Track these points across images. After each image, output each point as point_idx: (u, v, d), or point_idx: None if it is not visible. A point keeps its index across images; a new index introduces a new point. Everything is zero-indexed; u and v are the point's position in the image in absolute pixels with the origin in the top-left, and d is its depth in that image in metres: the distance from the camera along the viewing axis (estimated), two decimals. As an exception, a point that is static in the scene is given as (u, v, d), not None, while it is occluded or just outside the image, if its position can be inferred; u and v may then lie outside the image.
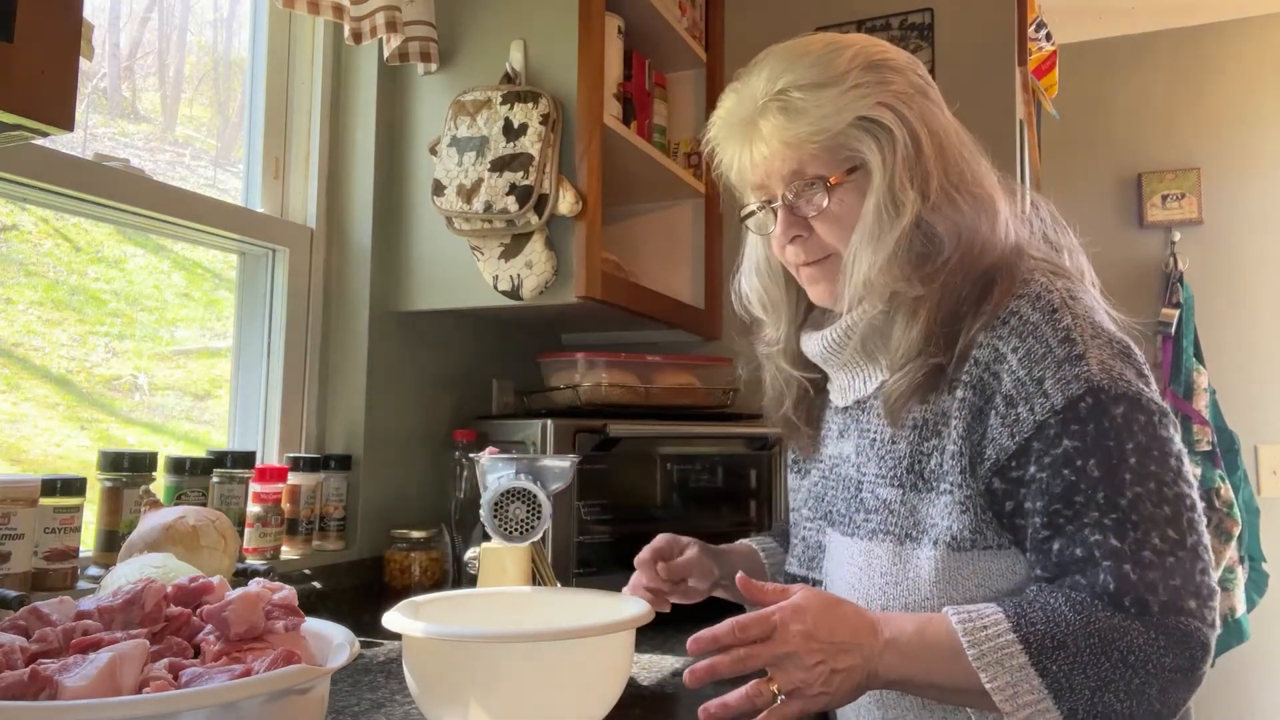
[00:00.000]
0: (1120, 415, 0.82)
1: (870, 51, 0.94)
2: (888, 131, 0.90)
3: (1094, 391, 0.82)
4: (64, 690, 0.61)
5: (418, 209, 1.65)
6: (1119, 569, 0.78)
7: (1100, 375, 0.83)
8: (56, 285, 1.38)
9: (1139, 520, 0.79)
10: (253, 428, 1.57)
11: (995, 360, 0.87)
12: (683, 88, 2.10)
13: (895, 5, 1.97)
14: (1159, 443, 0.82)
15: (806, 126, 0.91)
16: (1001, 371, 0.86)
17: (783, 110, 0.92)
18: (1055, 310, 0.86)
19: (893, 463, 0.94)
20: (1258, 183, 3.01)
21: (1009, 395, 0.85)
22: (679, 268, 2.08)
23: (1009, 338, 0.86)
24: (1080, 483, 0.81)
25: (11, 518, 1.03)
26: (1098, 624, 0.77)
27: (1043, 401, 0.83)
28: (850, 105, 0.90)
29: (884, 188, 0.90)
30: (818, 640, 0.79)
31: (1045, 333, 0.85)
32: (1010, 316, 0.87)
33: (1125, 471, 0.80)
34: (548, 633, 0.87)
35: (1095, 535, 0.80)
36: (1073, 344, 0.84)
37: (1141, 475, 0.80)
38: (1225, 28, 3.07)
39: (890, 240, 0.90)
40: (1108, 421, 0.81)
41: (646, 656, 1.27)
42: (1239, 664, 2.83)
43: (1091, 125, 3.18)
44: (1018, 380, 0.85)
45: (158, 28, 1.59)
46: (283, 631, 0.74)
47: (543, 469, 1.14)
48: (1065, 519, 0.82)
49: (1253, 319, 2.98)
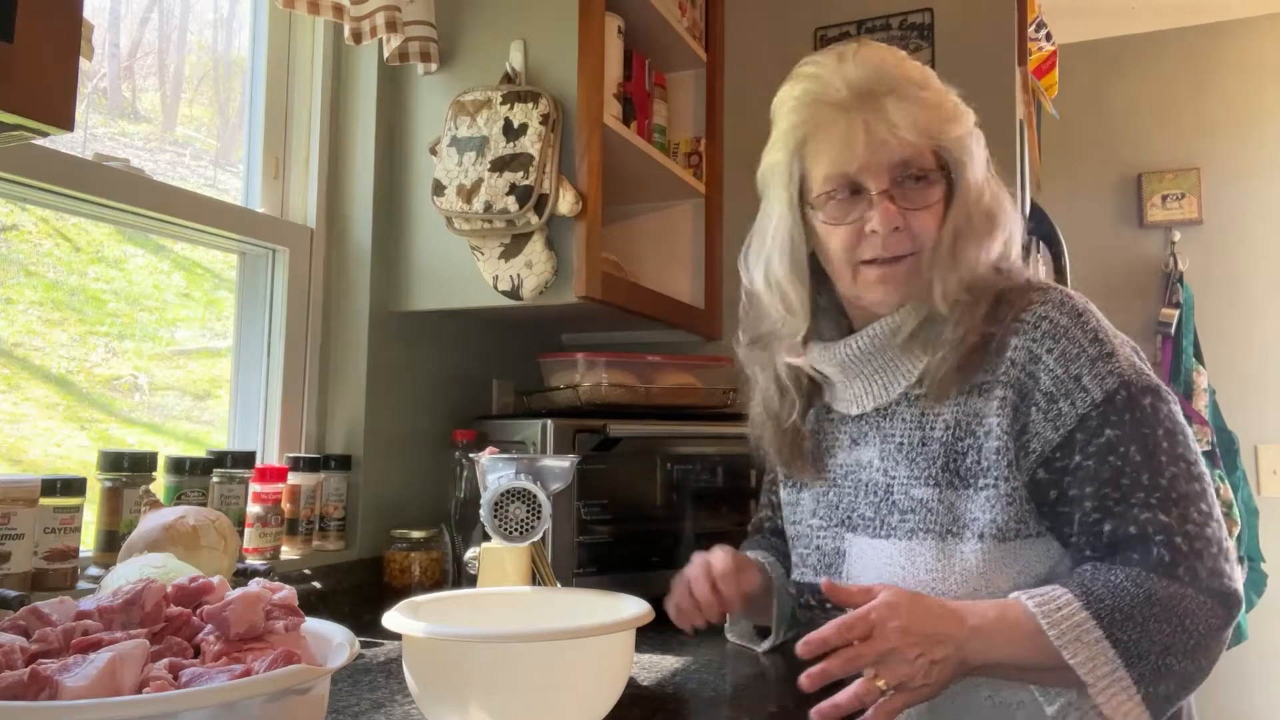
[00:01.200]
0: (1149, 405, 0.92)
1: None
2: (981, 143, 1.02)
3: (1126, 385, 0.92)
4: (64, 690, 0.61)
5: (418, 209, 1.65)
6: (1171, 541, 0.87)
7: (1129, 370, 0.93)
8: (56, 285, 1.38)
9: (1178, 497, 0.88)
10: (253, 428, 1.57)
11: (1031, 361, 0.94)
12: (683, 88, 2.09)
13: (895, 5, 1.97)
14: (1180, 427, 0.93)
15: (941, 121, 0.98)
16: (1038, 371, 0.94)
17: (915, 99, 0.97)
18: (1081, 314, 0.96)
19: (925, 464, 0.99)
20: (1258, 183, 3.01)
21: (1049, 392, 0.93)
22: (679, 268, 2.08)
23: (1043, 340, 0.94)
24: (1125, 467, 0.90)
25: (11, 518, 1.03)
26: (1158, 593, 0.85)
27: (1083, 396, 0.92)
28: (966, 116, 1.00)
29: (979, 195, 0.99)
30: (914, 634, 0.83)
31: (1076, 334, 0.94)
32: (1041, 321, 0.95)
33: (1161, 455, 0.90)
34: (548, 633, 0.87)
35: (1144, 514, 0.88)
36: (1102, 344, 0.94)
37: (1174, 457, 0.90)
38: (1225, 28, 3.07)
39: (999, 241, 1.00)
40: (1139, 411, 0.91)
41: (646, 656, 1.27)
42: (1239, 664, 2.83)
43: (1091, 125, 3.18)
44: (1056, 378, 0.93)
45: (158, 28, 1.59)
46: (283, 631, 0.74)
47: (543, 469, 1.14)
48: (1114, 501, 0.90)
49: (1253, 319, 2.98)
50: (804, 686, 0.84)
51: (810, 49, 1.03)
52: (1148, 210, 3.09)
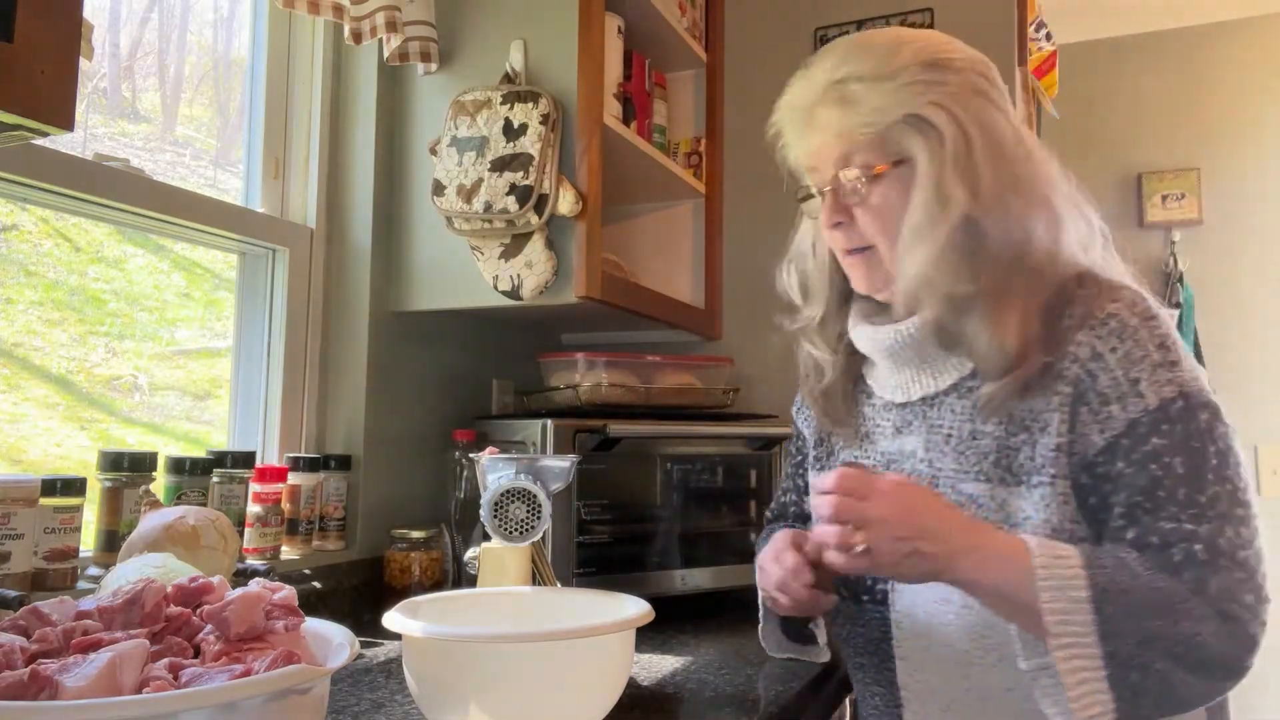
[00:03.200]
0: (1205, 420, 0.87)
1: (933, 49, 0.96)
2: (936, 130, 0.93)
3: (1185, 396, 0.87)
4: (64, 690, 0.61)
5: (418, 209, 1.65)
6: (1191, 549, 0.83)
7: (1190, 382, 0.88)
8: (56, 285, 1.38)
9: (1214, 516, 0.84)
10: (253, 428, 1.57)
11: (1093, 359, 0.90)
12: (683, 88, 2.09)
13: (895, 5, 1.97)
14: (1233, 451, 0.88)
15: (857, 117, 0.94)
16: (1098, 370, 0.89)
17: (839, 101, 0.95)
18: (1153, 318, 0.91)
19: (976, 458, 0.96)
20: (1258, 183, 3.01)
21: (1103, 394, 0.89)
22: (679, 268, 2.08)
23: (1108, 338, 0.90)
24: (1165, 478, 0.85)
25: (11, 518, 1.03)
26: (1162, 585, 0.82)
27: (1136, 401, 0.87)
28: (902, 101, 0.93)
29: (931, 185, 0.92)
30: (912, 519, 0.85)
31: (1144, 337, 0.89)
32: (1110, 319, 0.90)
33: (1208, 472, 0.85)
34: (548, 633, 0.87)
35: (1170, 525, 0.84)
36: (1168, 350, 0.89)
37: (1221, 477, 0.86)
38: (1225, 28, 3.07)
39: (940, 236, 0.92)
40: (1193, 424, 0.86)
41: (646, 656, 1.27)
42: (1239, 664, 2.83)
43: (1091, 125, 3.18)
44: (1114, 380, 0.88)
45: (158, 28, 1.59)
46: (283, 631, 0.74)
47: (543, 469, 1.14)
48: (1144, 510, 0.86)
49: (1253, 319, 2.98)
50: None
51: (810, 49, 1.04)
52: (1148, 210, 3.09)
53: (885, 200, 0.96)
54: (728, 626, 1.47)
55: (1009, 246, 0.92)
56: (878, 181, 0.96)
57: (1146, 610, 0.81)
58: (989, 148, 0.93)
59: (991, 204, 0.92)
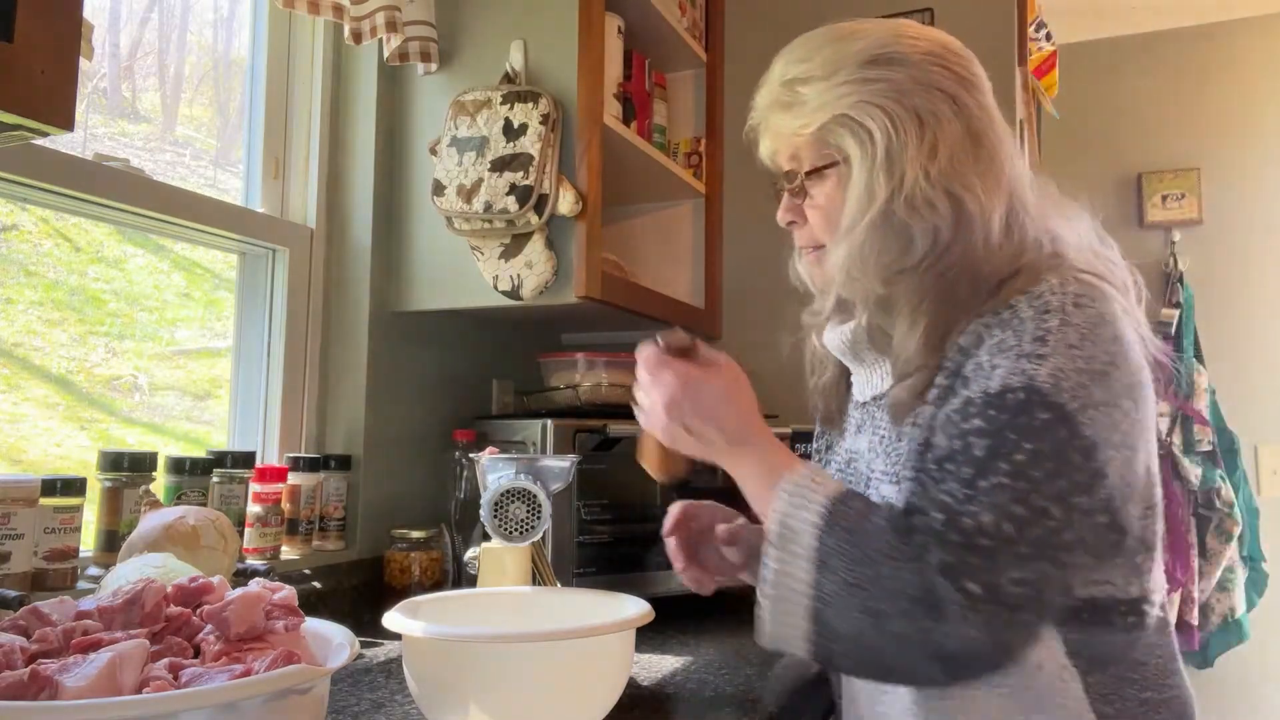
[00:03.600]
0: (1041, 421, 0.78)
1: (881, 43, 0.94)
2: (866, 130, 0.91)
3: (1032, 390, 0.79)
4: (64, 690, 0.61)
5: (418, 209, 1.65)
6: (931, 517, 0.78)
7: (1047, 380, 0.79)
8: (56, 285, 1.38)
9: (983, 502, 0.77)
10: (253, 428, 1.57)
11: (974, 345, 0.85)
12: (683, 88, 2.09)
13: (895, 5, 1.97)
14: (1063, 463, 0.78)
15: (797, 120, 0.95)
16: (972, 354, 0.85)
17: (786, 104, 0.96)
18: (1048, 312, 0.83)
19: (895, 460, 0.93)
20: (1258, 183, 3.01)
21: (966, 378, 0.84)
22: (679, 268, 2.08)
23: (993, 327, 0.84)
24: (960, 454, 0.80)
25: (11, 518, 1.03)
26: (887, 540, 0.78)
27: (981, 383, 0.82)
28: (833, 103, 0.92)
29: (860, 183, 0.91)
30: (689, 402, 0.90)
31: (1026, 330, 0.83)
32: (1005, 310, 0.85)
33: (1005, 464, 0.78)
34: (548, 633, 0.87)
35: (939, 496, 0.79)
36: (1042, 344, 0.81)
37: (1017, 475, 0.77)
38: (1225, 28, 3.06)
39: (858, 233, 0.90)
40: (1022, 419, 0.79)
41: (646, 656, 1.27)
42: (1239, 664, 2.83)
43: (1091, 125, 3.18)
44: (978, 365, 0.84)
45: (158, 28, 1.59)
46: (283, 631, 0.74)
47: (543, 469, 1.14)
48: (929, 477, 0.82)
49: (1253, 319, 2.98)
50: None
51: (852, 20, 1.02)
52: (1148, 210, 3.09)
53: (828, 199, 0.95)
54: (728, 626, 1.47)
55: (935, 248, 0.89)
56: (820, 181, 0.96)
57: (863, 557, 0.78)
58: (925, 145, 0.90)
59: (919, 204, 0.88)
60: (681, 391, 0.90)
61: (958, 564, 0.74)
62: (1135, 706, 0.85)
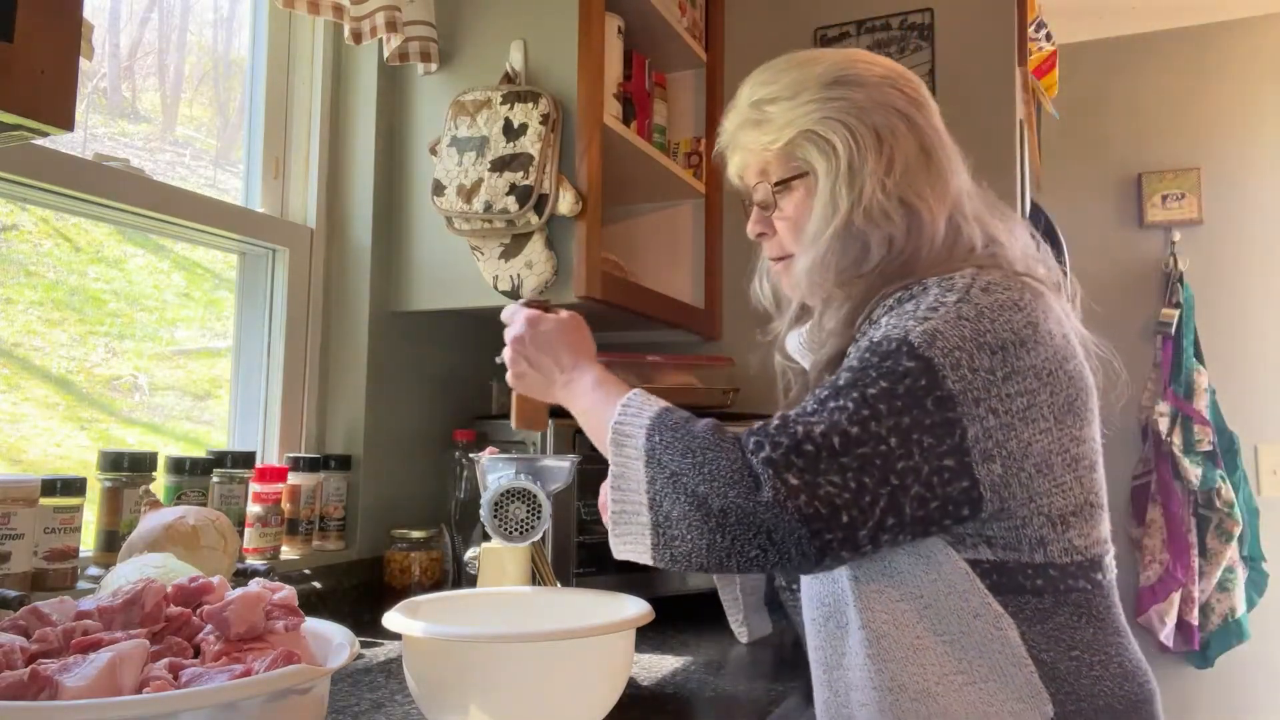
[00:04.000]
0: (904, 367, 0.84)
1: (840, 67, 1.01)
2: (830, 144, 0.98)
3: (906, 343, 0.85)
4: (64, 690, 0.61)
5: (418, 209, 1.65)
6: (771, 421, 0.85)
7: (920, 335, 0.85)
8: (56, 285, 1.38)
9: (825, 419, 0.83)
10: (253, 428, 1.57)
11: (883, 315, 0.92)
12: (683, 88, 2.09)
13: (895, 5, 1.97)
14: (913, 403, 0.83)
15: (766, 135, 1.02)
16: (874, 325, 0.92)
17: (754, 122, 1.03)
18: (951, 290, 0.89)
19: None
20: (1258, 183, 3.01)
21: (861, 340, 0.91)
22: (679, 268, 2.08)
23: (904, 301, 0.91)
24: (827, 386, 0.87)
25: (11, 518, 1.03)
26: (710, 434, 0.86)
27: (869, 337, 0.89)
28: (799, 119, 0.99)
29: (825, 194, 0.98)
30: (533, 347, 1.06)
31: (924, 300, 0.89)
32: (916, 286, 0.92)
33: (855, 392, 0.84)
34: (548, 633, 0.87)
35: (790, 412, 0.86)
36: (933, 311, 0.87)
37: (863, 402, 0.83)
38: (1225, 28, 3.06)
39: (822, 242, 0.97)
40: (889, 364, 0.84)
41: (646, 656, 1.27)
42: (1239, 664, 2.83)
43: (1091, 125, 3.18)
44: (875, 325, 0.91)
45: (158, 28, 1.59)
46: (283, 631, 0.74)
47: (543, 469, 1.14)
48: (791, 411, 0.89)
49: (1253, 319, 2.98)
50: None
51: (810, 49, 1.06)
52: (1148, 210, 3.09)
53: (795, 210, 1.02)
54: (728, 626, 1.47)
55: (889, 254, 0.96)
56: (787, 194, 1.02)
57: (686, 449, 0.85)
58: (883, 160, 0.97)
59: (875, 214, 0.95)
60: (527, 328, 1.06)
61: (780, 460, 0.81)
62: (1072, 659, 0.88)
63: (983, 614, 0.86)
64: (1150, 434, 2.93)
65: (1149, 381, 2.99)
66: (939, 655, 0.87)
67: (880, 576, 0.90)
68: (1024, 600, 0.87)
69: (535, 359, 1.06)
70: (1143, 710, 0.90)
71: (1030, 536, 0.87)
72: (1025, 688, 0.85)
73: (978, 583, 0.87)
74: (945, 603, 0.87)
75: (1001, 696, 0.85)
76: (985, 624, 0.86)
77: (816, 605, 0.97)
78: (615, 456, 0.90)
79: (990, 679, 0.86)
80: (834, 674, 0.96)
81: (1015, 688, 0.85)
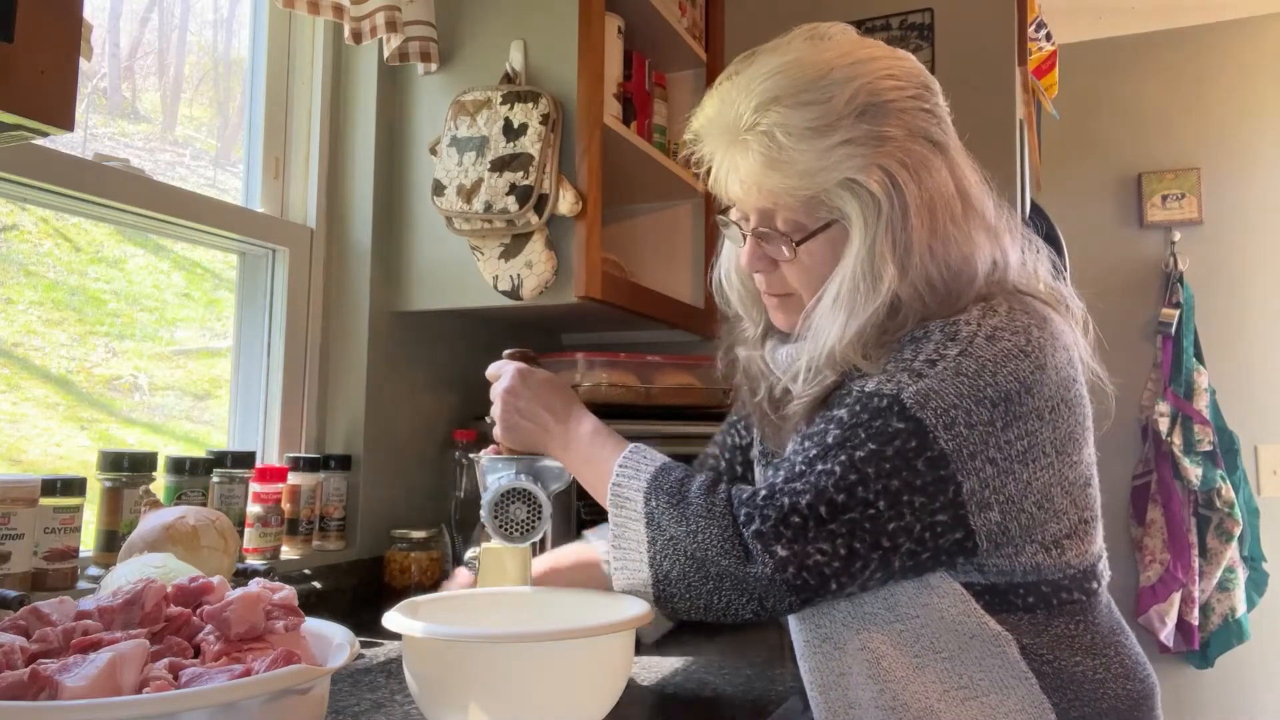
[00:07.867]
0: (894, 429, 0.82)
1: (873, 87, 0.89)
2: (872, 197, 0.87)
3: (898, 401, 0.83)
4: (64, 690, 0.61)
5: (418, 209, 1.65)
6: (759, 491, 0.85)
7: (913, 395, 0.82)
8: (56, 285, 1.38)
9: (811, 485, 0.82)
10: (253, 428, 1.57)
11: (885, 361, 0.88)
12: (683, 88, 2.09)
13: (895, 5, 1.97)
14: (903, 467, 0.81)
15: (786, 180, 0.89)
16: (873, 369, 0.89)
17: (764, 153, 0.89)
18: (954, 339, 0.85)
19: None
20: (1258, 183, 3.01)
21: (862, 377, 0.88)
22: (679, 268, 2.08)
23: (906, 345, 0.87)
24: (816, 435, 0.86)
25: (11, 518, 1.03)
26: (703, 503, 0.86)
27: (864, 381, 0.87)
28: (837, 165, 0.87)
29: (864, 256, 0.88)
30: (524, 401, 1.03)
31: (924, 349, 0.85)
32: (920, 331, 0.88)
33: (844, 454, 0.83)
34: (548, 633, 0.87)
35: (779, 473, 0.86)
36: (931, 365, 0.84)
37: (850, 467, 0.82)
38: (1225, 28, 3.07)
39: (864, 313, 0.88)
40: (879, 423, 0.82)
41: (646, 657, 1.27)
42: (1239, 664, 2.83)
43: (1091, 125, 3.18)
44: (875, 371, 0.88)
45: (158, 28, 1.59)
46: (283, 631, 0.74)
47: (543, 469, 1.14)
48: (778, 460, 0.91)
49: (1253, 319, 2.98)
50: None
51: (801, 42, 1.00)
52: (1148, 210, 3.09)
53: (813, 259, 0.92)
54: (727, 627, 1.47)
55: (917, 313, 0.88)
56: (803, 245, 0.92)
57: (681, 516, 0.86)
58: (925, 214, 0.88)
59: (917, 279, 0.87)
60: (518, 380, 1.04)
61: (769, 533, 0.82)
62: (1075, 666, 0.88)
63: (980, 634, 0.86)
64: (1150, 434, 2.93)
65: (1149, 381, 2.99)
66: (940, 673, 0.87)
67: (875, 601, 0.89)
68: (1019, 617, 0.87)
69: (529, 410, 1.03)
70: (1144, 706, 0.90)
71: (1024, 564, 0.87)
72: (1027, 699, 0.85)
73: (973, 604, 0.86)
74: (942, 624, 0.87)
75: (1004, 709, 0.85)
76: (983, 643, 0.86)
77: (811, 629, 0.95)
78: (615, 515, 0.91)
79: (992, 692, 0.86)
80: (831, 694, 0.94)
81: (1017, 699, 0.85)
